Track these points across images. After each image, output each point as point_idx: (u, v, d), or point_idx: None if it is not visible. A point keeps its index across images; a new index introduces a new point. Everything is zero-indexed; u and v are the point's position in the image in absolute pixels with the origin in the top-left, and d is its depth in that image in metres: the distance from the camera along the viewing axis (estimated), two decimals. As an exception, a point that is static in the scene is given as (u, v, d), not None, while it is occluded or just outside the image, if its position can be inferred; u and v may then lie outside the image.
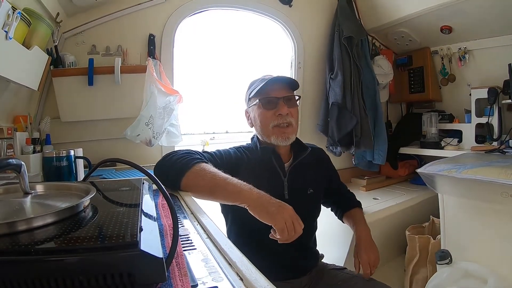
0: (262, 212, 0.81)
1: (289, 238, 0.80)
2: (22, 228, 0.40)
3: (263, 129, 1.15)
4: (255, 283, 0.41)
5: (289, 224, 0.79)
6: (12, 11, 0.94)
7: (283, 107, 1.11)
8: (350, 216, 1.33)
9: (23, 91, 1.29)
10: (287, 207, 0.82)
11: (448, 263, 1.31)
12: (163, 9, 1.65)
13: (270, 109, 1.12)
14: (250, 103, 1.19)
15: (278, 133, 1.12)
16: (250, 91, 1.18)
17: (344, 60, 1.94)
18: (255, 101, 1.15)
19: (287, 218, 0.79)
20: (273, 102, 1.12)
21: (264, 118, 1.13)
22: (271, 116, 1.12)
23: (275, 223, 0.79)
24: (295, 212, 0.82)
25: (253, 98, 1.16)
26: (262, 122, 1.14)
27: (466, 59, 2.08)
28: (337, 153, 2.09)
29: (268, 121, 1.12)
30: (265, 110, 1.13)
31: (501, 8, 1.69)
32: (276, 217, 0.79)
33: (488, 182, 1.17)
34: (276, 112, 1.11)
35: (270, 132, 1.13)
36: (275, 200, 0.83)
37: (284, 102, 1.12)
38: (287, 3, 1.97)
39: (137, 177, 0.92)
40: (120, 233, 0.40)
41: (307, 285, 1.20)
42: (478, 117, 1.90)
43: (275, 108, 1.12)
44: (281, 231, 0.79)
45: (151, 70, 1.49)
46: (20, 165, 0.56)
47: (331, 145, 2.07)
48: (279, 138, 1.12)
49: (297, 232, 0.80)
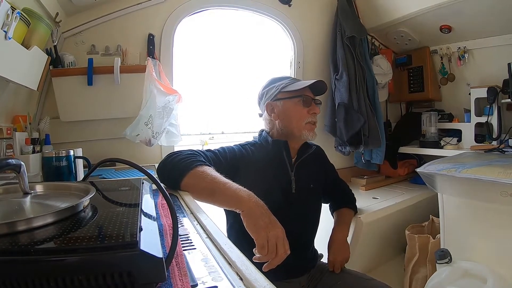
0: (250, 221, 0.78)
1: (267, 258, 0.75)
2: (22, 228, 0.40)
3: (296, 123, 1.20)
4: (255, 283, 0.41)
5: (271, 244, 0.75)
6: (11, 11, 0.94)
7: (316, 107, 1.22)
8: (337, 214, 1.38)
9: (22, 91, 1.29)
10: (277, 227, 0.78)
11: (447, 262, 1.31)
12: (163, 8, 1.65)
13: (307, 106, 1.20)
14: (281, 97, 1.22)
15: (309, 128, 1.20)
16: (283, 85, 1.21)
17: (348, 60, 1.95)
18: (292, 96, 1.20)
19: (271, 237, 0.75)
20: (309, 102, 1.21)
21: (300, 114, 1.20)
22: (306, 113, 1.19)
23: (257, 237, 0.76)
24: (285, 235, 0.78)
25: (288, 93, 1.20)
26: (296, 117, 1.20)
27: (466, 59, 2.08)
28: (346, 153, 2.10)
29: (303, 117, 1.19)
30: (302, 107, 1.19)
31: (500, 7, 1.69)
32: (260, 232, 0.76)
33: (487, 181, 1.17)
34: (311, 111, 1.20)
35: (302, 127, 1.19)
36: (270, 215, 0.80)
37: (315, 103, 1.22)
38: (286, 3, 1.97)
39: (136, 177, 0.92)
40: (119, 233, 0.40)
41: (306, 285, 1.20)
42: (478, 117, 1.90)
43: (309, 106, 1.20)
44: (260, 247, 0.75)
45: (150, 70, 1.49)
46: (20, 165, 0.56)
47: (340, 145, 2.08)
48: (310, 133, 1.20)
49: (278, 256, 0.75)
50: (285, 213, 0.81)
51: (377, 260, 1.80)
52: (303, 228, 1.21)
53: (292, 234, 0.80)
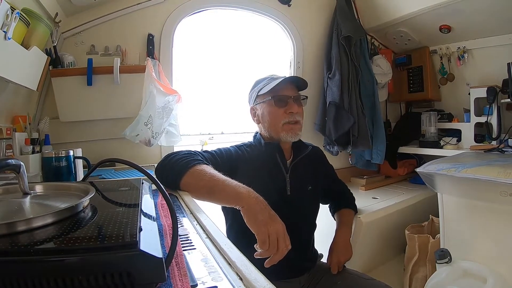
0: (250, 217, 0.78)
1: (269, 254, 0.76)
2: (22, 229, 0.40)
3: (273, 126, 1.17)
4: (255, 283, 0.41)
5: (272, 239, 0.75)
6: (11, 11, 0.94)
7: (293, 105, 1.15)
8: (338, 215, 1.37)
9: (22, 91, 1.29)
10: (278, 222, 0.78)
11: (447, 262, 1.31)
12: (162, 8, 1.65)
13: (281, 107, 1.15)
14: (259, 100, 1.21)
15: (287, 129, 1.15)
16: (259, 88, 1.20)
17: (342, 59, 1.95)
18: (265, 99, 1.17)
19: (272, 232, 0.76)
20: (284, 101, 1.16)
21: (275, 115, 1.16)
22: (282, 113, 1.15)
23: (258, 232, 0.76)
24: (285, 230, 0.78)
25: (263, 96, 1.18)
26: (273, 119, 1.17)
27: (465, 58, 2.08)
28: (334, 153, 2.09)
29: (279, 118, 1.16)
30: (276, 108, 1.16)
31: (500, 7, 1.69)
32: (261, 227, 0.76)
33: (487, 181, 1.17)
34: (287, 110, 1.15)
35: (280, 128, 1.16)
36: (270, 211, 0.80)
37: (294, 101, 1.16)
38: (286, 3, 1.97)
39: (136, 177, 0.92)
40: (119, 233, 0.40)
41: (306, 285, 1.20)
42: (477, 116, 1.90)
43: (285, 106, 1.15)
44: (262, 243, 0.75)
45: (150, 70, 1.49)
46: (19, 166, 0.56)
47: (328, 144, 2.08)
48: (289, 134, 1.15)
49: (280, 251, 0.76)
50: (281, 214, 0.80)
51: (377, 260, 1.80)
52: (301, 229, 1.19)
53: (289, 235, 0.80)
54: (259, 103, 1.20)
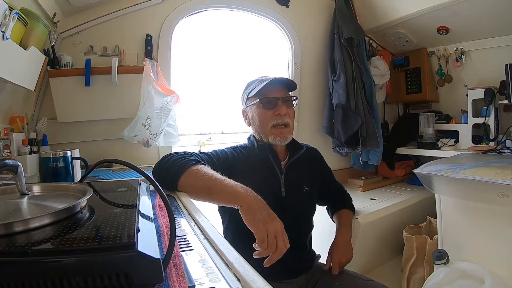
0: (249, 216, 0.78)
1: (268, 253, 0.76)
2: (19, 229, 0.40)
3: (262, 129, 1.17)
4: (253, 284, 0.41)
5: (270, 238, 0.75)
6: (9, 11, 0.94)
7: (281, 107, 1.13)
8: (338, 216, 1.36)
9: (19, 91, 1.29)
10: (276, 221, 0.79)
11: (445, 263, 1.31)
12: (161, 9, 1.65)
13: (269, 109, 1.14)
14: (249, 103, 1.20)
15: (276, 133, 1.14)
16: (249, 91, 1.19)
17: (346, 61, 1.95)
18: (254, 101, 1.17)
19: (271, 231, 0.76)
20: (272, 102, 1.14)
21: (263, 118, 1.15)
22: (270, 115, 1.14)
23: (256, 231, 0.76)
24: (284, 229, 0.78)
25: (252, 98, 1.18)
26: (261, 121, 1.16)
27: (463, 60, 2.09)
28: (343, 154, 2.10)
29: (267, 121, 1.14)
30: (264, 110, 1.15)
31: (497, 9, 1.70)
32: (259, 226, 0.76)
33: (485, 182, 1.18)
34: (275, 112, 1.13)
35: (268, 131, 1.15)
36: (268, 209, 0.81)
37: (283, 102, 1.14)
38: (284, 4, 1.97)
39: (134, 178, 0.92)
40: (117, 234, 0.40)
41: (304, 285, 1.20)
42: (475, 118, 1.91)
43: (274, 108, 1.14)
44: (260, 241, 0.76)
45: (148, 70, 1.48)
46: (17, 166, 0.56)
47: (337, 146, 2.08)
48: (277, 138, 1.15)
49: (278, 250, 0.76)
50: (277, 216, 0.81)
51: (375, 261, 1.80)
52: (297, 230, 1.18)
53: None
54: (249, 105, 1.20)
